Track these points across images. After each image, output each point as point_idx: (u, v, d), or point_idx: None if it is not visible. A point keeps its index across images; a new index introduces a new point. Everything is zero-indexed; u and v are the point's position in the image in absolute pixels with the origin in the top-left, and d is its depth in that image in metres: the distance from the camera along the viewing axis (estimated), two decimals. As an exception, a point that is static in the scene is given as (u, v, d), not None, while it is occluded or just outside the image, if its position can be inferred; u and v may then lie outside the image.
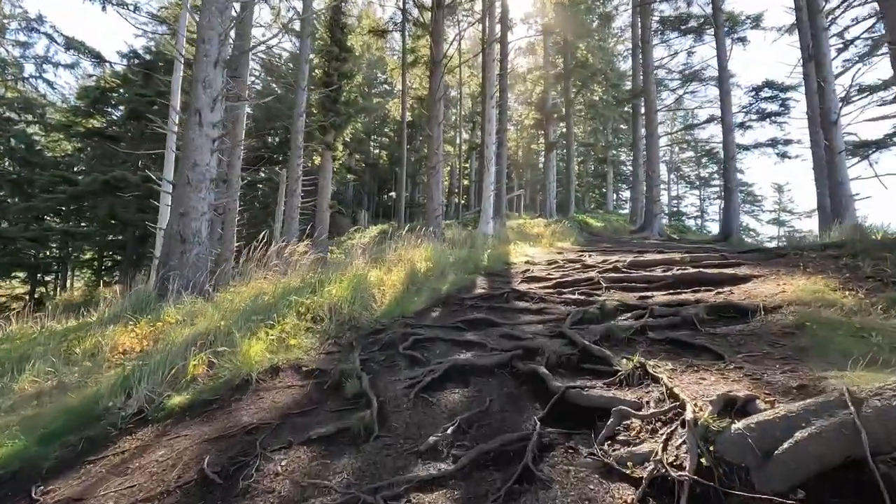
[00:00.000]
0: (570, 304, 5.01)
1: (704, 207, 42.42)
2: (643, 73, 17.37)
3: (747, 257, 6.04)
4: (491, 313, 5.08)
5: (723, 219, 12.47)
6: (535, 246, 11.48)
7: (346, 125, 15.72)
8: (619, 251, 9.07)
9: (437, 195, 15.49)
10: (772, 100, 15.16)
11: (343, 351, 4.30)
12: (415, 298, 6.05)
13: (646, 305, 4.50)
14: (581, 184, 44.14)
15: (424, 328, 4.74)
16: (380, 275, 6.77)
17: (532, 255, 9.65)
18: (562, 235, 14.10)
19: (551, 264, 7.69)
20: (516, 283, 6.47)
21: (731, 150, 12.75)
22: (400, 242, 10.06)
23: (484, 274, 7.27)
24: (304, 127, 11.13)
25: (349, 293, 5.45)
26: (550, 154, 27.36)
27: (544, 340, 3.86)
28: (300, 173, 11.00)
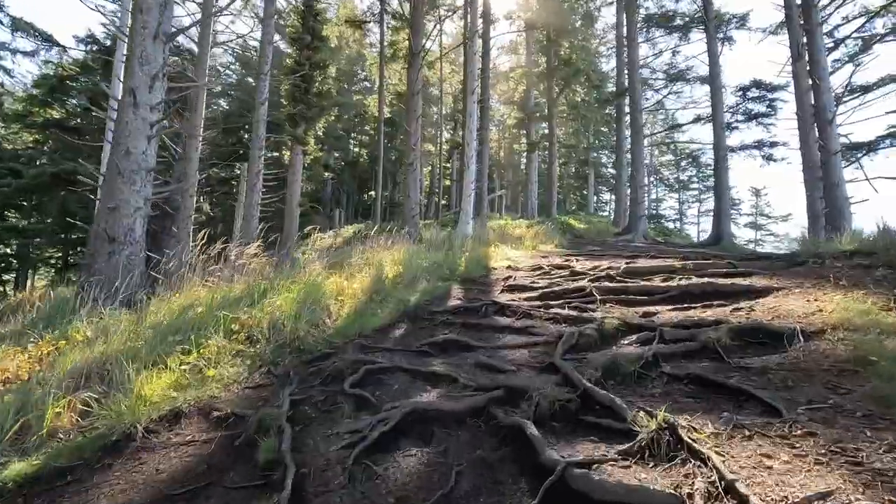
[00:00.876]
0: (560, 322, 4.14)
1: (684, 210, 42.40)
2: (628, 70, 16.74)
3: (758, 265, 5.28)
4: (465, 333, 4.19)
5: (714, 221, 11.89)
6: (518, 248, 10.66)
7: (319, 118, 14.68)
8: (608, 255, 8.29)
9: (415, 193, 14.58)
10: (759, 100, 14.69)
11: (275, 384, 3.36)
12: (378, 311, 5.12)
13: (653, 326, 3.66)
14: (562, 185, 43.70)
15: (383, 352, 3.81)
16: (339, 282, 5.83)
17: (514, 258, 8.80)
18: (545, 237, 13.32)
19: (536, 270, 6.84)
20: (496, 292, 5.59)
21: (723, 150, 12.14)
22: (372, 244, 9.14)
23: (460, 281, 6.38)
24: (267, 116, 10.09)
25: (295, 306, 4.49)
26: (532, 154, 26.67)
27: (531, 376, 2.98)
28: (261, 167, 9.96)
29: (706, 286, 4.59)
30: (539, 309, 4.57)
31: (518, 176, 43.25)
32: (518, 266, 7.36)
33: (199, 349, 3.71)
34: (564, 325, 4.06)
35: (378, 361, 3.48)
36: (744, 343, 3.25)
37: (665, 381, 2.81)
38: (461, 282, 6.33)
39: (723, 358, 3.05)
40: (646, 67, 20.68)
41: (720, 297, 4.41)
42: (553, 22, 19.02)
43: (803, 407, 2.21)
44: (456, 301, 5.28)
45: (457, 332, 4.22)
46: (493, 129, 43.65)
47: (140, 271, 6.72)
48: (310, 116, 14.00)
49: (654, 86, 20.00)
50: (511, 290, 5.63)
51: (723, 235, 11.43)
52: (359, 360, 3.52)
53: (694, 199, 42.38)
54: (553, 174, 22.28)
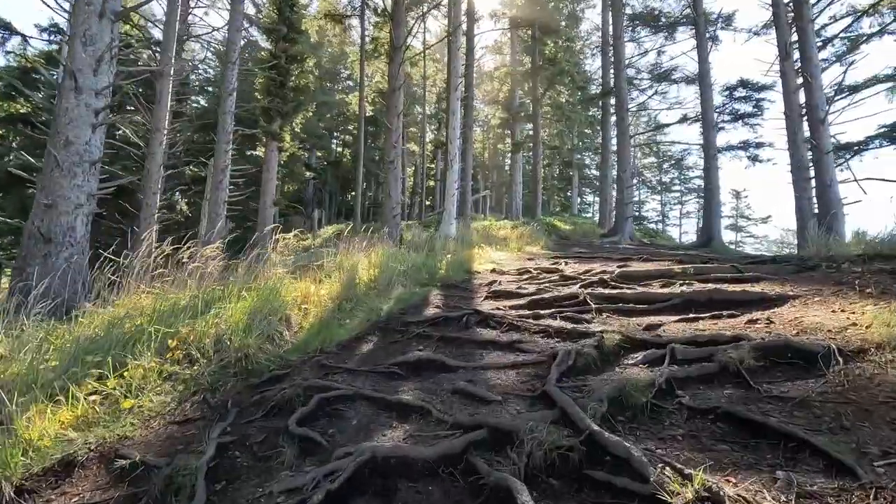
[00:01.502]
0: (552, 336, 3.59)
1: (666, 212, 42.55)
2: (614, 69, 16.38)
3: (765, 270, 4.81)
4: (443, 349, 3.60)
5: (703, 222, 11.49)
6: (503, 250, 10.13)
7: (295, 113, 13.97)
8: (597, 258, 7.80)
9: (396, 193, 13.95)
10: (745, 100, 14.43)
11: (208, 417, 2.73)
12: (346, 321, 4.51)
13: (660, 342, 3.13)
14: (546, 187, 43.52)
15: (345, 374, 3.21)
16: (306, 288, 5.19)
17: (499, 261, 8.26)
18: (530, 239, 12.83)
19: (523, 274, 6.30)
20: (479, 299, 5.02)
21: (713, 149, 11.79)
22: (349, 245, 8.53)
23: (440, 286, 5.80)
24: (237, 110, 9.39)
25: (247, 317, 3.85)
26: (517, 155, 26.25)
27: (520, 410, 2.41)
28: (227, 162, 9.24)
29: (713, 293, 4.09)
30: (527, 319, 4.01)
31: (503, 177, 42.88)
32: (503, 269, 6.81)
33: (122, 372, 3.06)
34: (557, 339, 3.50)
35: (336, 387, 2.87)
36: (769, 364, 2.73)
37: (686, 416, 2.27)
38: (441, 287, 5.75)
39: (749, 383, 2.53)
40: (631, 67, 20.39)
41: (729, 305, 3.90)
42: (538, 18, 18.60)
43: (881, 462, 1.67)
44: (434, 309, 4.69)
45: (433, 347, 3.63)
46: (478, 129, 43.26)
47: (83, 276, 5.99)
48: (285, 111, 13.28)
49: (639, 86, 19.73)
50: (496, 296, 5.07)
51: (713, 237, 11.07)
52: (313, 385, 2.91)
53: (676, 201, 42.55)
54: (538, 175, 21.87)
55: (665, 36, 17.07)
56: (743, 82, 13.89)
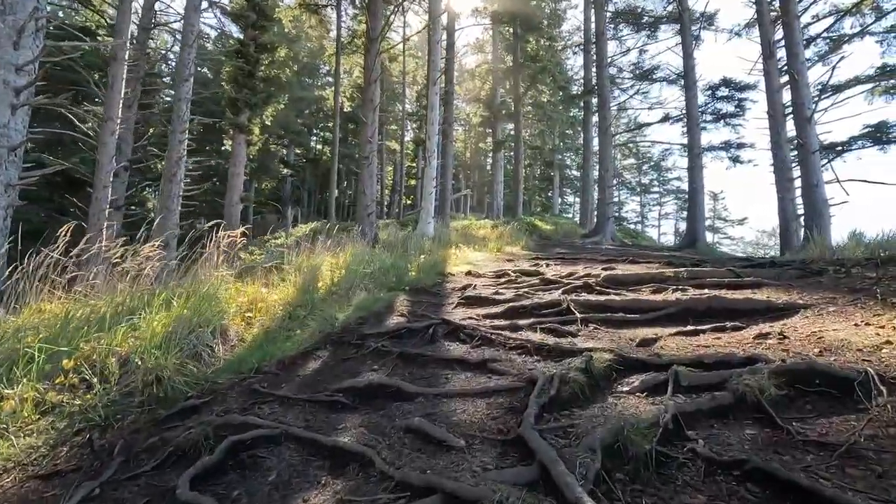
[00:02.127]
0: (531, 353, 3.03)
1: (645, 213, 42.72)
2: (596, 67, 16.01)
3: (764, 274, 4.35)
4: (402, 369, 3.01)
5: (687, 223, 11.14)
6: (481, 251, 9.58)
7: (265, 105, 13.19)
8: (580, 259, 7.30)
9: (371, 190, 13.29)
10: (728, 100, 14.20)
11: (86, 468, 2.08)
12: (296, 332, 3.89)
13: (660, 362, 2.60)
14: (528, 187, 43.28)
15: (275, 405, 2.59)
16: (254, 292, 4.54)
17: (477, 262, 7.70)
18: (511, 239, 12.33)
19: (500, 277, 5.75)
20: (450, 306, 4.44)
21: (698, 148, 11.45)
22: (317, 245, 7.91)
23: (409, 291, 5.20)
24: (191, 94, 8.62)
25: (169, 330, 3.20)
26: (498, 154, 25.81)
27: (487, 465, 1.83)
28: (183, 153, 8.46)
29: (712, 301, 3.59)
30: (503, 331, 3.44)
31: (484, 176, 42.47)
32: (480, 272, 6.24)
33: None
34: (537, 357, 2.94)
35: (259, 423, 2.26)
36: (794, 393, 2.22)
37: (703, 470, 1.73)
38: (410, 292, 5.15)
39: (774, 421, 2.01)
40: (613, 66, 20.10)
41: (732, 315, 3.41)
42: (520, 13, 18.13)
43: None
44: (398, 318, 4.09)
45: (390, 367, 3.03)
46: (460, 128, 42.75)
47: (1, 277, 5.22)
48: (254, 103, 12.50)
49: (620, 84, 19.45)
50: (469, 303, 4.50)
51: (697, 238, 10.71)
52: (230, 421, 2.28)
53: (655, 202, 42.76)
54: (519, 174, 21.44)
55: (647, 34, 16.78)
56: (726, 81, 13.64)
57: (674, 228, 41.81)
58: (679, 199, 40.76)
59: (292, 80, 27.70)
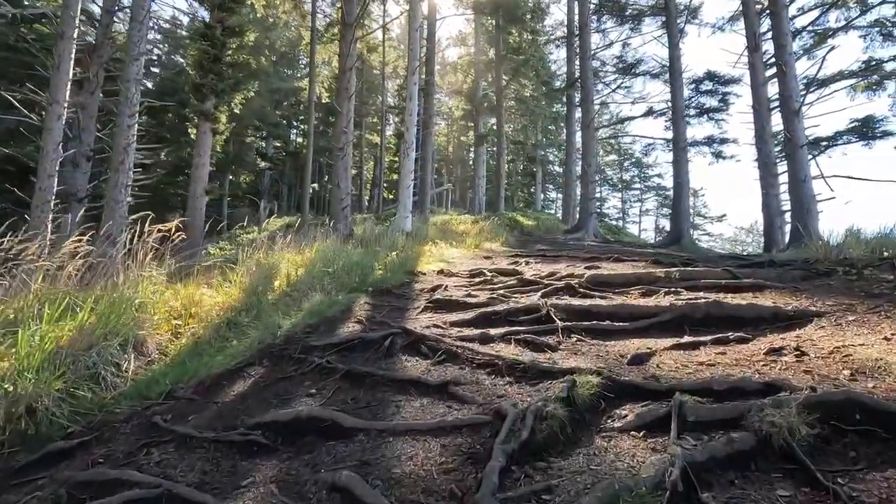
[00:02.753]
0: (502, 373, 2.50)
1: (626, 210, 42.77)
2: (579, 59, 15.55)
3: (765, 275, 3.90)
4: (346, 391, 2.46)
5: (672, 219, 10.72)
6: (459, 247, 9.04)
7: (233, 92, 12.41)
8: (562, 257, 6.82)
9: (345, 183, 12.66)
10: (712, 94, 13.90)
11: None
12: (231, 343, 3.31)
13: (658, 387, 2.10)
14: (510, 182, 42.92)
15: (171, 446, 2.01)
16: (190, 295, 3.92)
17: (452, 259, 7.17)
18: (490, 235, 11.83)
19: (475, 276, 5.22)
20: (415, 311, 3.89)
21: (683, 142, 11.06)
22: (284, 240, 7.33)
23: (373, 292, 4.63)
24: (141, 75, 7.87)
25: (52, 346, 2.58)
26: (480, 148, 25.29)
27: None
28: (131, 139, 7.70)
29: (711, 307, 3.11)
30: (472, 343, 2.92)
31: (467, 171, 41.92)
32: (454, 270, 5.70)
33: None
34: (509, 379, 2.41)
35: (137, 480, 1.68)
36: (829, 431, 1.74)
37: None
38: (373, 293, 4.58)
39: (812, 475, 1.52)
40: (596, 59, 19.70)
41: (735, 324, 2.94)
42: (503, 2, 17.58)
43: None
44: (353, 326, 3.52)
45: (331, 390, 2.47)
46: (442, 122, 42.11)
47: None
48: (221, 89, 11.72)
49: (603, 78, 19.08)
50: (437, 307, 3.95)
51: (682, 234, 10.34)
52: (95, 478, 1.70)
53: (636, 198, 42.84)
54: (501, 169, 20.96)
55: (631, 27, 16.40)
56: (710, 75, 13.32)
57: (654, 225, 41.96)
58: (660, 195, 40.88)
59: (269, 70, 26.69)
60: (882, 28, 11.52)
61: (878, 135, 9.99)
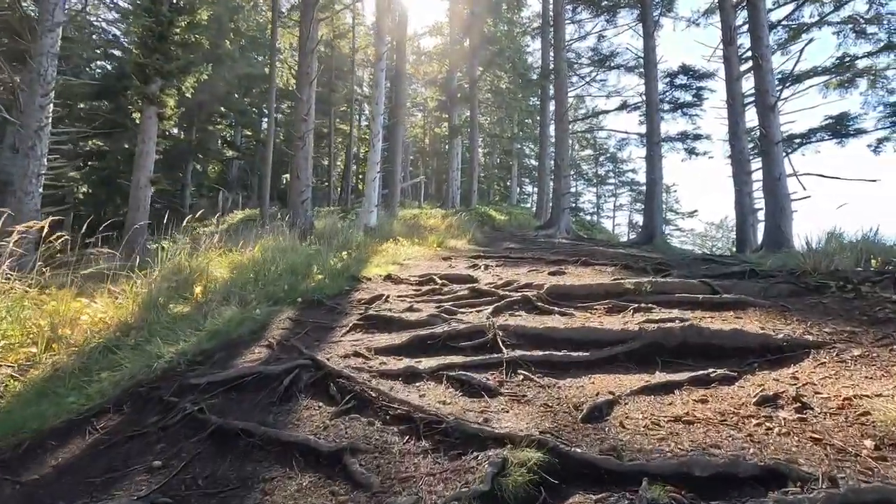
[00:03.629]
0: (418, 435, 1.87)
1: (601, 205, 42.81)
2: (554, 49, 14.97)
3: (747, 288, 3.37)
4: (204, 463, 1.79)
5: (644, 217, 10.25)
6: (421, 245, 8.38)
7: (183, 75, 11.38)
8: (527, 258, 6.24)
9: (306, 174, 11.85)
10: (686, 88, 13.53)
11: None
12: (99, 378, 2.59)
13: (619, 468, 1.50)
14: (487, 175, 42.44)
15: None
16: (63, 311, 3.17)
17: (408, 260, 6.52)
18: (458, 231, 11.20)
19: (424, 284, 4.58)
20: (341, 332, 3.23)
21: (657, 136, 10.59)
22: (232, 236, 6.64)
23: (301, 303, 3.94)
24: (57, 49, 6.89)
25: None
26: (455, 140, 24.59)
27: None
28: (45, 121, 6.74)
29: (687, 332, 2.55)
30: (393, 382, 2.29)
31: (443, 164, 41.16)
32: (404, 275, 5.05)
33: None
34: (426, 444, 1.79)
35: None
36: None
37: None
38: (302, 305, 3.90)
39: None
40: (571, 52, 19.19)
41: (715, 355, 2.39)
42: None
43: None
44: (257, 353, 2.84)
45: (183, 461, 1.80)
46: (419, 114, 41.24)
47: None
48: (167, 71, 10.72)
49: (579, 71, 18.58)
50: (368, 326, 3.30)
51: (654, 233, 9.88)
52: None
53: (610, 193, 42.88)
54: (474, 161, 20.35)
55: (606, 19, 15.90)
56: (685, 69, 12.94)
57: (628, 220, 42.09)
58: (633, 190, 40.97)
59: (235, 55, 25.34)
60: (855, 25, 11.29)
61: (852, 132, 9.73)
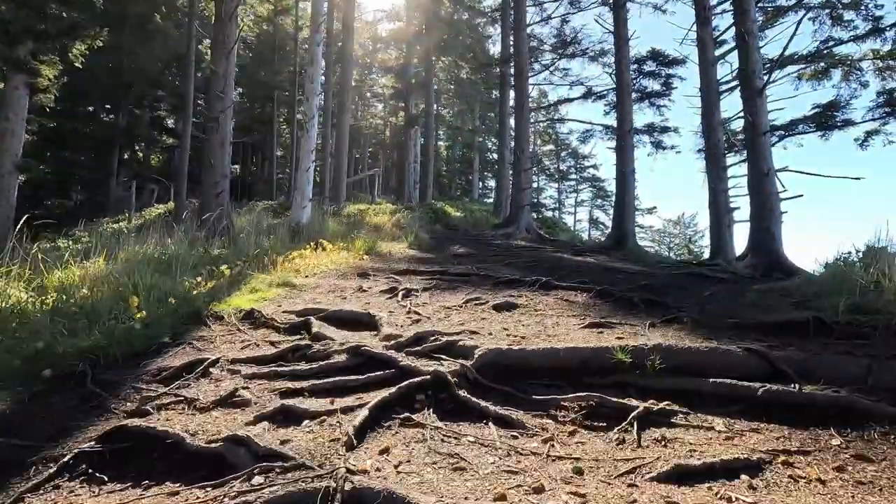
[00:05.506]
0: None
1: (562, 200, 41.98)
2: (514, 30, 13.40)
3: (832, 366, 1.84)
4: None
5: (615, 218, 8.77)
6: (349, 249, 6.61)
7: (64, 38, 9.07)
8: (471, 277, 4.59)
9: (221, 161, 9.75)
10: (655, 76, 12.25)
11: None
12: None
13: None
14: (448, 170, 40.77)
15: None
16: None
17: (310, 277, 4.76)
18: (402, 231, 9.50)
19: (294, 331, 2.85)
20: (33, 482, 1.48)
21: (629, 121, 9.09)
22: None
23: (41, 384, 2.14)
24: None
25: None
26: (411, 130, 22.71)
27: None
28: None
29: None
30: None
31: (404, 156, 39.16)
32: (273, 312, 3.27)
33: None
34: None
35: None
36: None
37: None
38: (39, 389, 2.10)
39: None
40: (534, 38, 17.70)
41: None
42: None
43: None
44: None
45: None
46: (379, 105, 39.04)
47: None
48: (41, 31, 8.45)
49: (541, 59, 17.16)
50: (100, 461, 1.56)
51: (627, 235, 8.36)
52: None
53: (572, 189, 42.11)
54: (430, 153, 18.66)
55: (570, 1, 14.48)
56: (654, 54, 11.60)
57: (588, 216, 41.42)
58: (595, 187, 40.35)
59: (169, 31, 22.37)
60: (833, 10, 10.24)
61: (839, 124, 8.63)
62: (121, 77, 20.50)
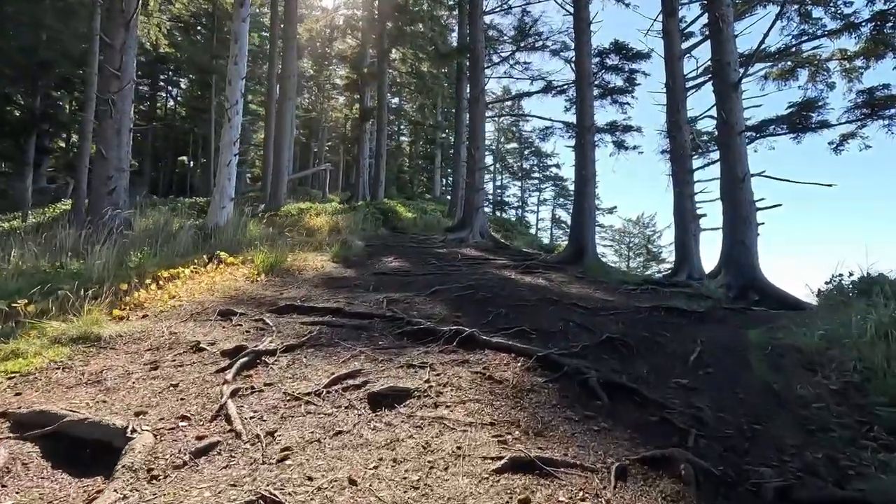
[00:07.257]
0: None
1: (525, 199, 41.29)
2: (469, 17, 12.17)
3: None
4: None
5: (573, 228, 7.57)
6: (247, 265, 5.20)
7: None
8: (375, 318, 3.33)
9: (117, 152, 8.11)
10: (617, 71, 11.26)
11: None
12: None
13: None
14: (410, 166, 39.26)
15: None
16: None
17: (145, 320, 3.37)
18: (340, 235, 8.13)
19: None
20: None
21: (590, 117, 7.84)
22: None
23: None
24: None
25: None
26: (366, 123, 21.14)
27: None
28: None
29: None
30: None
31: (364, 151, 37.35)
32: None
33: None
34: None
35: None
36: None
37: None
38: None
39: None
40: (493, 29, 16.53)
41: None
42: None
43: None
44: None
45: None
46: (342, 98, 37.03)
47: None
48: None
49: (500, 51, 16.03)
50: None
51: (586, 248, 7.11)
52: None
53: (535, 187, 41.48)
54: (381, 148, 17.21)
55: (531, -12, 13.39)
56: (618, 46, 10.57)
57: (551, 215, 40.81)
58: (557, 186, 39.84)
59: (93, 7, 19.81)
60: (801, 6, 9.49)
61: (813, 126, 7.85)
62: (37, 56, 17.96)
